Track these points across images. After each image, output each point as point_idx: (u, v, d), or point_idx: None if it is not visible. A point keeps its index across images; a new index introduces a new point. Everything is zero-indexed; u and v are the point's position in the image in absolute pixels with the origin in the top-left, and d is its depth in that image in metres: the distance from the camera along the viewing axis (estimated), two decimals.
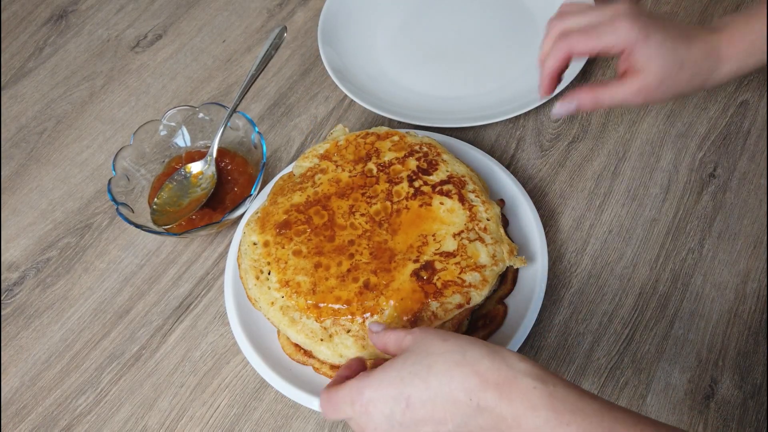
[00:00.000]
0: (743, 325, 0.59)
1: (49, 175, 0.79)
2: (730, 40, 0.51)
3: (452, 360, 0.38)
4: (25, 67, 0.89)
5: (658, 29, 0.51)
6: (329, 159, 0.65)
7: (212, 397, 0.62)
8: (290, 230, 0.60)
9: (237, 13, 0.90)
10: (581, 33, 0.52)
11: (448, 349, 0.39)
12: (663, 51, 0.50)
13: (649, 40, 0.50)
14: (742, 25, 0.51)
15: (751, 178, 0.67)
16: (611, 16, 0.52)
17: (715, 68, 0.51)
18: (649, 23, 0.51)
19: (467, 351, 0.39)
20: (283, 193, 0.63)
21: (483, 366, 0.38)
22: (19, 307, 0.70)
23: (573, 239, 0.66)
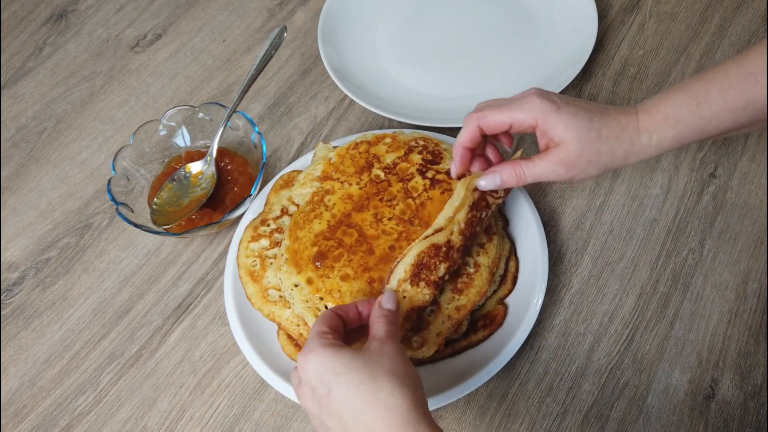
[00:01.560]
0: (744, 326, 0.59)
1: (49, 175, 0.79)
2: (647, 111, 0.52)
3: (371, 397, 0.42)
4: (24, 66, 0.89)
5: (569, 103, 0.52)
6: (330, 179, 0.62)
7: (212, 397, 0.62)
8: (327, 259, 0.57)
9: (237, 13, 0.90)
10: (493, 107, 0.54)
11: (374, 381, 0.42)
12: (577, 120, 0.51)
13: (560, 112, 0.51)
14: (656, 100, 0.52)
15: (752, 178, 0.67)
16: (522, 94, 0.54)
17: (635, 138, 0.52)
18: (558, 99, 0.52)
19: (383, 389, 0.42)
20: (301, 227, 0.60)
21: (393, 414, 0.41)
22: (19, 307, 0.70)
23: (573, 239, 0.66)
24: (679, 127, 0.51)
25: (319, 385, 0.43)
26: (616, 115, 0.52)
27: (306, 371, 0.44)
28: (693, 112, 0.51)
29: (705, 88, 0.51)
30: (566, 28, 0.78)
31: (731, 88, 0.50)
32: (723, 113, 0.51)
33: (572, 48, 0.75)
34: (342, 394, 0.42)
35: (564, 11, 0.79)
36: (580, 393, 0.58)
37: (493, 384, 0.59)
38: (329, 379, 0.43)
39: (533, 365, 0.60)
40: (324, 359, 0.43)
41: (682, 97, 0.51)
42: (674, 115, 0.51)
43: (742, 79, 0.50)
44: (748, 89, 0.50)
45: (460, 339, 0.58)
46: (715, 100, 0.50)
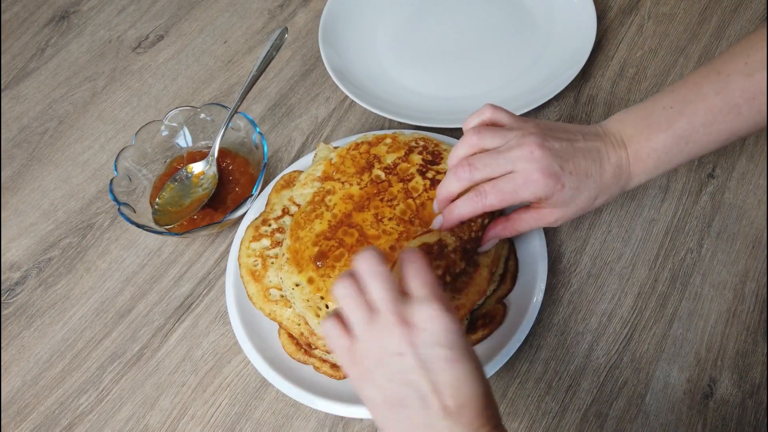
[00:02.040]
0: (742, 325, 0.60)
1: (51, 175, 0.79)
2: (636, 158, 0.52)
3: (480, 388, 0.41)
4: (27, 67, 0.89)
5: (572, 175, 0.51)
6: (331, 179, 0.63)
7: (213, 396, 0.62)
8: (328, 259, 0.57)
9: (238, 14, 0.90)
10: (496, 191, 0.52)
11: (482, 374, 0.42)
12: (578, 194, 0.52)
13: (564, 190, 0.51)
14: (645, 142, 0.52)
15: (750, 179, 0.67)
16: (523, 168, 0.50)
17: (626, 186, 0.54)
18: (562, 171, 0.50)
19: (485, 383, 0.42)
20: (302, 227, 0.60)
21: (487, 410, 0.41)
22: (21, 306, 0.70)
23: (572, 239, 0.66)
24: (667, 166, 0.53)
25: (449, 348, 0.40)
26: (611, 170, 0.52)
27: (442, 324, 0.40)
28: (681, 151, 0.52)
29: (691, 126, 0.51)
30: (565, 29, 0.78)
31: (716, 123, 0.51)
32: (708, 145, 0.52)
33: (571, 49, 0.76)
34: (466, 371, 0.41)
35: (563, 12, 0.79)
36: (579, 392, 0.58)
37: (493, 383, 0.59)
38: (461, 351, 0.40)
39: (532, 364, 0.60)
40: (458, 328, 0.41)
41: (671, 139, 0.51)
42: (664, 158, 0.52)
43: (725, 113, 0.50)
44: (731, 121, 0.50)
45: None
46: (702, 137, 0.51)
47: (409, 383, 0.40)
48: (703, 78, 0.51)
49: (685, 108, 0.51)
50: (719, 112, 0.50)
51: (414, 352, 0.40)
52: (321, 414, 0.60)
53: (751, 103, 0.49)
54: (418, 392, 0.40)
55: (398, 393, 0.41)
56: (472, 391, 0.40)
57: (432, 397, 0.40)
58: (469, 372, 0.41)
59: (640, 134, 0.52)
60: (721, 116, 0.50)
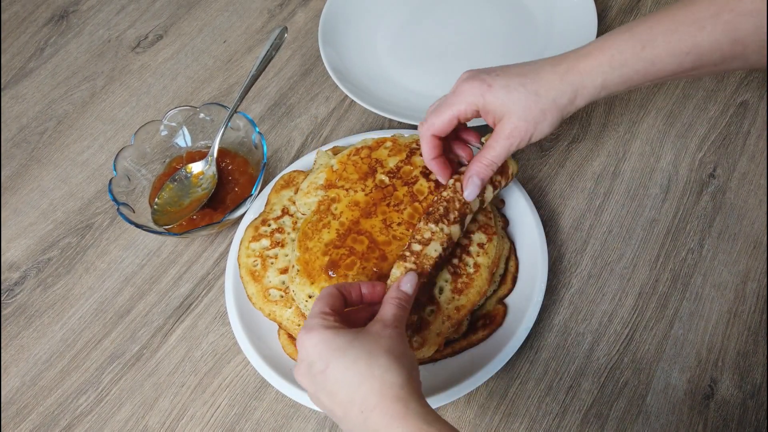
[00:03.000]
0: (743, 326, 0.60)
1: (50, 175, 0.79)
2: (590, 54, 0.52)
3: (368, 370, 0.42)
4: (26, 67, 0.89)
5: (499, 75, 0.53)
6: (334, 186, 0.62)
7: (213, 396, 0.62)
8: (340, 268, 0.56)
9: (238, 14, 0.90)
10: (435, 112, 0.55)
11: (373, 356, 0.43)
12: (510, 90, 0.52)
13: (493, 88, 0.52)
14: (602, 41, 0.52)
15: (751, 179, 0.67)
16: (456, 84, 0.55)
17: (578, 83, 0.52)
18: (488, 75, 0.53)
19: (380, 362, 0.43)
20: (310, 237, 0.59)
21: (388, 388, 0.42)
22: (20, 306, 0.70)
23: (573, 239, 0.66)
24: (624, 69, 0.52)
25: (317, 361, 0.44)
26: (552, 68, 0.53)
27: (306, 347, 0.45)
28: (637, 54, 0.51)
29: (650, 31, 0.51)
30: (566, 29, 0.78)
31: (676, 32, 0.50)
32: (667, 57, 0.51)
33: (572, 48, 0.75)
34: (339, 370, 0.43)
35: (564, 12, 0.79)
36: (579, 392, 0.58)
37: (493, 383, 0.59)
38: (328, 356, 0.43)
39: (533, 365, 0.60)
40: (324, 336, 0.44)
41: (627, 39, 0.51)
42: (618, 57, 0.51)
43: (687, 24, 0.50)
44: (693, 34, 0.50)
45: (460, 339, 0.58)
46: (660, 44, 0.51)
47: (321, 406, 0.45)
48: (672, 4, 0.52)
49: (647, 18, 0.52)
50: (681, 22, 0.50)
51: (304, 381, 0.45)
52: (321, 414, 0.60)
53: (715, 18, 0.49)
54: (327, 409, 0.44)
55: (328, 413, 0.45)
56: (352, 385, 0.42)
57: (335, 408, 0.43)
58: (342, 370, 0.43)
59: (595, 41, 0.53)
60: (682, 26, 0.50)
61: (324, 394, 0.44)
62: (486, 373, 0.55)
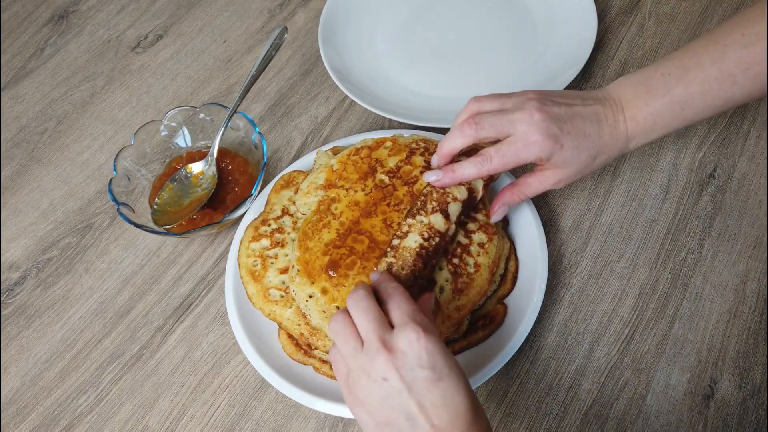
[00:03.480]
0: (743, 325, 0.59)
1: (50, 175, 0.79)
2: (634, 120, 0.54)
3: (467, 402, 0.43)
4: (26, 67, 0.89)
5: (571, 135, 0.53)
6: (334, 186, 0.62)
7: (213, 396, 0.62)
8: (341, 268, 0.56)
9: (238, 14, 0.90)
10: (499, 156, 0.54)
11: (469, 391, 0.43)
12: (577, 153, 0.53)
13: (563, 150, 0.53)
14: (642, 106, 0.54)
15: (751, 179, 0.67)
16: (524, 131, 0.52)
17: (625, 147, 0.55)
18: (561, 132, 0.52)
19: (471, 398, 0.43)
20: (310, 237, 0.59)
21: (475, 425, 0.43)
22: (20, 306, 0.70)
23: (573, 239, 0.66)
24: (663, 131, 0.55)
25: (429, 369, 0.42)
26: (610, 131, 0.54)
27: (419, 347, 0.42)
28: (676, 117, 0.54)
29: (687, 92, 0.53)
30: (566, 29, 0.78)
31: (711, 91, 0.52)
32: (703, 112, 0.54)
33: (572, 48, 0.75)
34: (451, 389, 0.42)
35: (564, 12, 0.79)
36: (579, 392, 0.58)
37: (493, 383, 0.59)
38: (443, 371, 0.42)
39: (533, 365, 0.60)
40: (442, 348, 0.43)
41: (667, 104, 0.53)
42: (660, 122, 0.54)
43: (721, 82, 0.52)
44: (727, 90, 0.52)
45: (460, 339, 0.58)
46: (697, 104, 0.53)
47: (396, 406, 0.42)
48: (701, 47, 0.53)
49: (682, 75, 0.53)
50: (715, 80, 0.52)
51: (398, 376, 0.42)
52: (320, 415, 0.60)
53: (746, 72, 0.51)
54: (405, 414, 0.42)
55: (387, 416, 0.43)
56: (458, 407, 0.42)
57: (419, 418, 0.42)
58: (453, 389, 0.42)
59: (638, 98, 0.54)
60: (716, 85, 0.52)
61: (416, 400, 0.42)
62: (486, 373, 0.55)
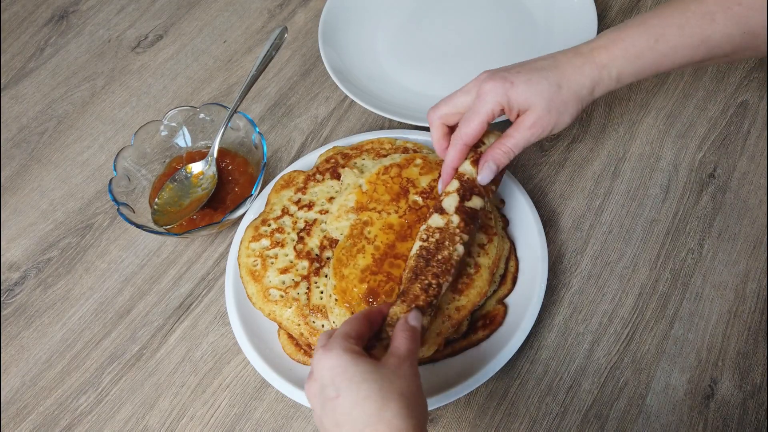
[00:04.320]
0: (743, 326, 0.60)
1: (50, 175, 0.79)
2: (602, 48, 0.53)
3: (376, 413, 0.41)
4: (26, 67, 0.89)
5: (519, 72, 0.53)
6: (366, 209, 0.60)
7: (213, 396, 0.62)
8: (380, 295, 0.55)
9: (238, 14, 0.90)
10: (464, 121, 0.55)
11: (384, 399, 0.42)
12: (533, 84, 0.52)
13: (515, 85, 0.52)
14: (612, 35, 0.53)
15: (751, 179, 0.67)
16: (475, 90, 0.54)
17: (597, 75, 0.53)
18: (509, 73, 0.53)
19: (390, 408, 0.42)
20: (345, 264, 0.57)
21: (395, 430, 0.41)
22: (20, 307, 0.70)
23: (573, 239, 0.66)
24: (638, 61, 0.53)
25: (329, 385, 0.43)
26: (569, 60, 0.53)
27: (321, 367, 0.44)
28: (651, 47, 0.52)
29: (662, 24, 0.52)
30: (566, 29, 0.78)
31: (688, 26, 0.51)
32: (679, 49, 0.52)
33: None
34: (349, 403, 0.42)
35: (564, 12, 0.79)
36: (579, 392, 0.58)
37: (493, 383, 0.59)
38: (341, 384, 0.42)
39: (533, 365, 0.60)
40: (342, 362, 0.43)
41: (641, 33, 0.52)
42: (632, 50, 0.52)
43: (699, 17, 0.51)
44: (704, 27, 0.51)
45: (460, 339, 0.58)
46: (672, 37, 0.52)
47: (322, 429, 0.44)
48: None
49: (659, 11, 0.53)
50: (692, 15, 0.51)
51: (313, 401, 0.45)
52: None
53: (726, 11, 0.50)
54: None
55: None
56: (355, 422, 0.41)
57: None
58: (348, 404, 0.42)
59: (609, 32, 0.54)
60: (694, 19, 0.51)
61: (329, 421, 0.43)
62: (486, 373, 0.55)
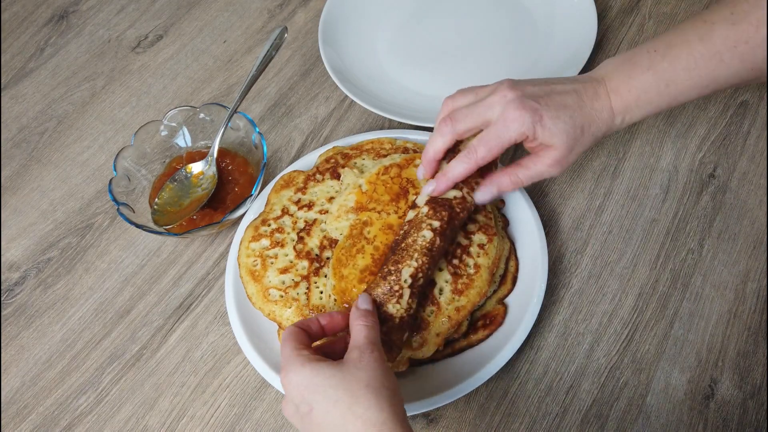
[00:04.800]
0: (743, 326, 0.60)
1: (50, 175, 0.79)
2: (616, 94, 0.53)
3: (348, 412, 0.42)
4: (26, 67, 0.89)
5: (549, 106, 0.52)
6: (365, 209, 0.60)
7: (213, 396, 0.62)
8: None
9: (238, 14, 0.90)
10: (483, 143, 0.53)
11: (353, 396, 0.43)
12: (561, 124, 0.52)
13: (544, 121, 0.52)
14: (625, 79, 0.53)
15: (751, 179, 0.67)
16: (500, 112, 0.52)
17: (611, 120, 0.54)
18: (538, 104, 0.52)
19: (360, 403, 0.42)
20: (345, 264, 0.57)
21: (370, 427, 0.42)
22: (20, 307, 0.70)
23: (573, 239, 0.66)
24: (648, 107, 0.54)
25: (301, 403, 0.44)
26: (592, 103, 0.53)
27: (288, 389, 0.45)
28: (661, 93, 0.53)
29: (672, 68, 0.52)
30: (566, 29, 0.78)
31: (697, 68, 0.52)
32: (689, 91, 0.53)
33: (572, 49, 0.75)
34: (322, 412, 0.43)
35: (564, 12, 0.79)
36: (579, 392, 0.58)
37: (493, 383, 0.59)
38: (309, 398, 0.44)
39: (533, 365, 0.60)
40: (302, 377, 0.44)
41: (651, 79, 0.53)
42: (644, 97, 0.53)
43: (707, 59, 0.51)
44: (713, 68, 0.51)
45: (460, 339, 0.58)
46: (682, 81, 0.52)
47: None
48: (689, 26, 0.53)
49: (668, 52, 0.52)
50: (701, 57, 0.51)
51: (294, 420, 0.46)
52: None
53: (732, 51, 0.50)
54: None
55: None
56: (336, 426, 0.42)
57: None
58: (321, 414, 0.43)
59: (621, 72, 0.54)
60: (702, 62, 0.51)
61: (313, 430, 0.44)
62: (486, 373, 0.55)
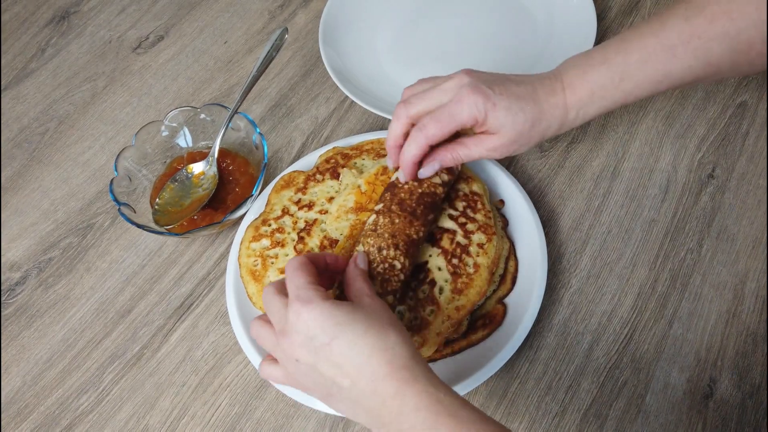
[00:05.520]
0: (742, 325, 0.60)
1: (51, 176, 0.79)
2: (571, 88, 0.54)
3: (379, 342, 0.43)
4: (27, 67, 0.89)
5: (503, 95, 0.52)
6: (365, 209, 0.61)
7: (213, 396, 0.62)
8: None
9: (238, 15, 0.90)
10: (434, 120, 0.54)
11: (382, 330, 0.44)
12: (512, 114, 0.52)
13: (497, 108, 0.52)
14: (580, 74, 0.54)
15: (750, 179, 0.67)
16: (454, 94, 0.53)
17: (564, 117, 0.54)
18: (492, 92, 0.52)
19: (390, 337, 0.44)
20: None
21: (398, 359, 0.43)
22: (21, 306, 0.70)
23: (572, 239, 0.66)
24: (603, 102, 0.54)
25: (320, 334, 0.43)
26: (547, 97, 0.54)
27: (304, 320, 0.44)
28: (616, 87, 0.53)
29: (625, 62, 0.52)
30: (566, 30, 0.78)
31: (650, 62, 0.52)
32: (643, 85, 0.53)
33: (571, 49, 0.75)
34: (346, 342, 0.43)
35: (563, 12, 0.79)
36: (579, 392, 0.58)
37: (493, 383, 0.60)
38: (332, 329, 0.43)
39: (532, 364, 0.60)
40: (325, 310, 0.44)
41: (605, 73, 0.53)
42: (599, 91, 0.53)
43: (659, 53, 0.51)
44: (665, 62, 0.51)
45: (460, 338, 0.59)
46: (636, 74, 0.52)
47: (320, 378, 0.44)
48: (645, 23, 0.53)
49: (621, 46, 0.53)
50: (653, 50, 0.51)
51: (302, 353, 0.44)
52: (321, 414, 0.60)
53: (686, 45, 0.50)
54: (328, 381, 0.44)
55: (323, 389, 0.45)
56: (359, 356, 0.43)
57: (340, 379, 0.43)
58: (345, 345, 0.43)
59: (576, 68, 0.54)
60: (655, 55, 0.51)
61: (328, 365, 0.43)
62: (486, 372, 0.56)
